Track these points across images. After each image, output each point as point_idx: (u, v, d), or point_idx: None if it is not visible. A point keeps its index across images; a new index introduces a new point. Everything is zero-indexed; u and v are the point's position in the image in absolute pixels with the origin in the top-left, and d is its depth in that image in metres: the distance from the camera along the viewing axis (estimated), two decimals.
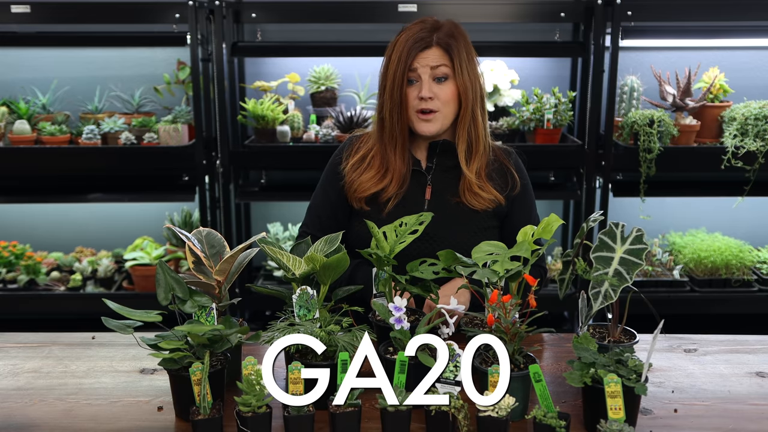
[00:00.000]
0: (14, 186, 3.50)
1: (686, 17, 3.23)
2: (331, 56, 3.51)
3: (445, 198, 1.92)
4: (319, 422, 1.38)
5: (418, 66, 1.84)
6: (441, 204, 1.92)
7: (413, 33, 1.85)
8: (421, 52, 1.83)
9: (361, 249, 1.64)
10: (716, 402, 1.55)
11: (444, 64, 1.84)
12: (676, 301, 3.31)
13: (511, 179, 1.95)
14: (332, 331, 1.48)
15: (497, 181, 1.94)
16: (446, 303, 1.67)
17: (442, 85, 1.85)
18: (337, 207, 1.98)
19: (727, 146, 3.18)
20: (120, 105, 3.54)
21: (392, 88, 1.85)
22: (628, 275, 1.50)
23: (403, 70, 1.83)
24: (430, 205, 1.92)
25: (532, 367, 1.36)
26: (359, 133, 2.05)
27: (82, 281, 3.47)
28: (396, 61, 1.84)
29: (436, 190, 1.94)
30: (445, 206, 1.91)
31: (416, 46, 1.83)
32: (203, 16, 3.19)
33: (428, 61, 1.83)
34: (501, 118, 3.41)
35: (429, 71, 1.83)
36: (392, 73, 1.85)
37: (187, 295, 1.52)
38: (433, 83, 1.84)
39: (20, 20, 3.17)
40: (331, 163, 2.03)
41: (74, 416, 1.49)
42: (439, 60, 1.83)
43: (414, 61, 1.83)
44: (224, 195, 3.39)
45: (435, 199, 1.93)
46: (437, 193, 1.93)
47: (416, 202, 1.92)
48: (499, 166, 1.96)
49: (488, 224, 1.93)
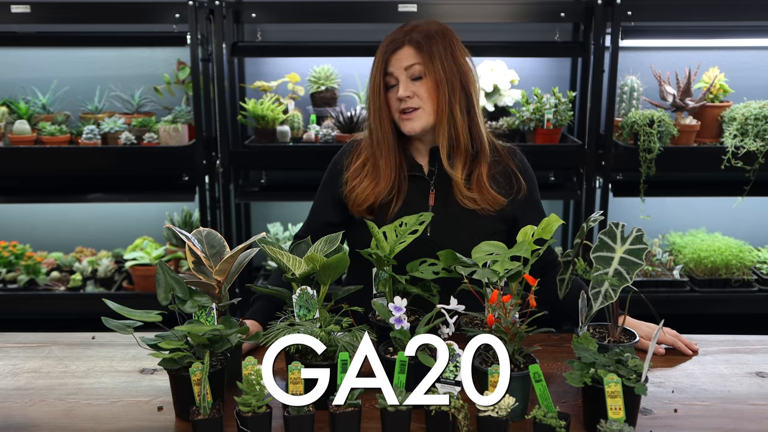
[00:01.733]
0: (14, 186, 3.50)
1: (686, 17, 3.23)
2: (331, 56, 3.51)
3: (448, 203, 1.91)
4: (319, 422, 1.38)
5: (393, 70, 1.84)
6: (445, 209, 1.90)
7: (389, 37, 1.87)
8: (393, 54, 1.84)
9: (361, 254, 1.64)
10: (716, 402, 1.55)
11: (417, 63, 1.83)
12: (676, 301, 3.31)
13: (517, 183, 1.93)
14: (332, 331, 1.49)
15: (502, 185, 1.92)
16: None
17: (419, 83, 1.84)
18: (337, 213, 1.98)
19: (727, 146, 3.18)
20: (120, 105, 3.54)
21: (374, 95, 1.87)
22: (628, 275, 1.50)
23: (380, 75, 1.85)
24: (434, 211, 1.90)
25: (532, 367, 1.36)
26: (360, 137, 2.03)
27: (82, 281, 3.47)
28: (374, 68, 1.87)
29: (439, 196, 1.92)
30: (449, 212, 1.90)
31: (389, 48, 1.85)
32: (203, 16, 3.19)
33: (401, 63, 1.84)
34: (501, 118, 3.41)
35: (404, 72, 1.84)
36: (372, 80, 1.87)
37: (187, 295, 1.53)
38: (411, 83, 1.84)
39: (20, 20, 3.17)
40: (331, 169, 2.02)
41: (74, 416, 1.49)
42: (411, 59, 1.83)
43: (389, 65, 1.84)
44: (224, 195, 3.39)
45: (439, 204, 1.92)
46: (441, 199, 1.92)
47: (420, 208, 1.90)
48: (503, 169, 1.94)
49: (494, 229, 1.91)
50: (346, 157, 1.99)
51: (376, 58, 1.87)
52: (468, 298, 1.66)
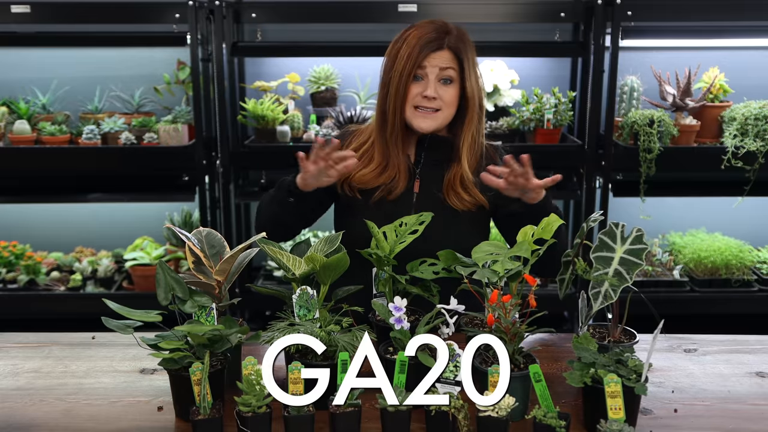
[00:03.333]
0: (14, 186, 3.50)
1: (686, 17, 3.23)
2: (331, 56, 3.51)
3: (432, 192, 1.94)
4: (319, 422, 1.38)
5: (427, 65, 1.86)
6: (428, 198, 1.93)
7: (425, 32, 1.86)
8: (432, 53, 1.85)
9: (354, 247, 1.65)
10: (716, 402, 1.55)
11: (452, 68, 1.86)
12: (676, 301, 3.31)
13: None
14: (332, 331, 1.48)
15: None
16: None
17: (447, 87, 1.87)
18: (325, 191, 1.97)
19: (727, 146, 3.18)
20: (120, 105, 3.54)
21: (398, 83, 1.86)
22: (628, 275, 1.50)
23: (412, 66, 1.85)
24: (419, 198, 1.94)
25: (532, 367, 1.36)
26: (354, 128, 2.06)
27: (82, 281, 3.47)
28: (406, 57, 1.85)
29: (424, 184, 1.95)
30: (432, 200, 1.93)
31: (429, 46, 1.85)
32: (203, 16, 3.19)
33: (438, 62, 1.85)
34: (501, 118, 3.41)
35: (437, 72, 1.86)
36: (400, 68, 1.86)
37: (187, 295, 1.52)
38: (439, 84, 1.87)
39: (20, 20, 3.17)
40: None
41: (74, 416, 1.49)
42: (448, 63, 1.86)
43: (424, 60, 1.85)
44: (224, 195, 3.39)
45: (423, 192, 1.95)
46: (425, 187, 1.95)
47: (405, 195, 1.94)
48: (487, 164, 1.96)
49: (475, 216, 1.95)
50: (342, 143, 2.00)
51: (406, 49, 1.85)
52: (468, 298, 1.66)
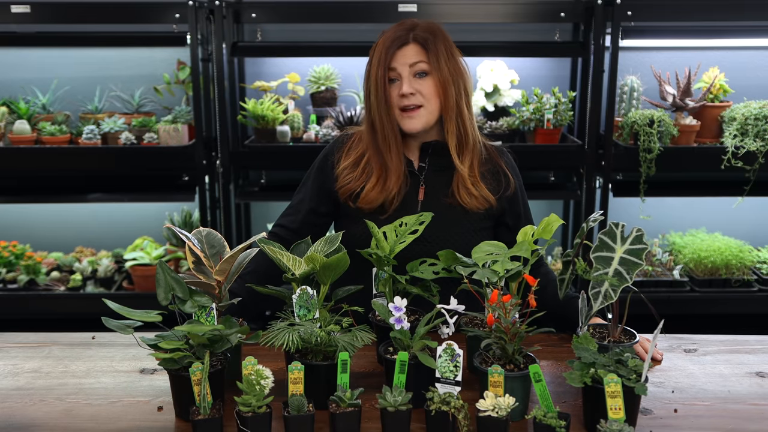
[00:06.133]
0: (14, 186, 3.50)
1: (686, 17, 3.23)
2: (331, 56, 3.51)
3: (438, 198, 1.92)
4: (319, 422, 1.38)
5: (396, 65, 1.85)
6: (434, 204, 1.91)
7: (391, 33, 1.87)
8: (398, 50, 1.85)
9: (354, 248, 1.64)
10: (716, 402, 1.55)
11: (422, 60, 1.84)
12: (676, 301, 3.31)
13: (505, 179, 1.95)
14: (332, 331, 1.48)
15: (490, 182, 1.94)
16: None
17: (423, 80, 1.85)
18: (321, 205, 1.98)
19: (727, 146, 3.18)
20: (120, 105, 3.54)
21: (376, 90, 1.86)
22: (628, 275, 1.50)
23: (384, 69, 1.85)
24: (423, 206, 1.92)
25: (532, 367, 1.36)
26: (353, 130, 2.03)
27: (82, 281, 3.47)
28: (377, 62, 1.86)
29: (429, 191, 1.93)
30: (438, 207, 1.91)
31: (394, 44, 1.85)
32: (203, 16, 3.19)
33: (406, 59, 1.84)
34: (501, 118, 3.41)
35: (408, 69, 1.84)
36: (374, 75, 1.86)
37: (187, 295, 1.52)
38: (414, 79, 1.85)
39: (20, 20, 3.17)
40: (321, 161, 2.01)
41: (74, 416, 1.49)
42: (416, 56, 1.84)
43: (392, 60, 1.85)
44: (224, 195, 3.39)
45: (428, 199, 1.93)
46: (430, 194, 1.93)
47: (411, 203, 1.92)
48: (492, 167, 1.96)
49: (481, 225, 1.93)
50: (337, 151, 1.99)
51: (376, 54, 1.87)
52: (468, 298, 1.66)
